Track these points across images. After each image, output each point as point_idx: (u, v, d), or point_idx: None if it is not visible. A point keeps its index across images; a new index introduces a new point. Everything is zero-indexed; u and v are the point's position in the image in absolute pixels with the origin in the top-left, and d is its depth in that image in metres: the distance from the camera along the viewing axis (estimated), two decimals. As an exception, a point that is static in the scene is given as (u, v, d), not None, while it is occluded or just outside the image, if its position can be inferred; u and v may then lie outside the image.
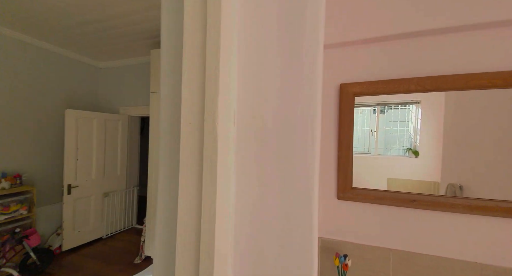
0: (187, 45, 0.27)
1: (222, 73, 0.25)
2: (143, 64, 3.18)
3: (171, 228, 0.30)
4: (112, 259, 2.49)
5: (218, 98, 0.25)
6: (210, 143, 0.25)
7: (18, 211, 2.30)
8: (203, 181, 0.26)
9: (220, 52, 0.25)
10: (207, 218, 0.25)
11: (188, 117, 0.27)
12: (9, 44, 2.41)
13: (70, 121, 2.67)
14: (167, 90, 0.32)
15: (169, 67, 0.32)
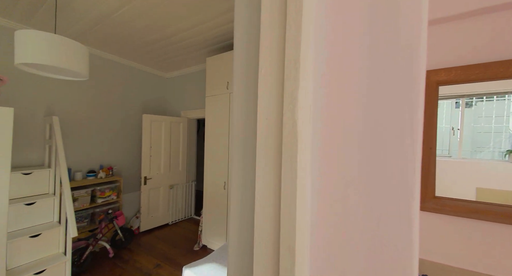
0: (265, 40, 0.26)
1: (303, 66, 0.24)
2: (199, 72, 3.53)
3: (244, 223, 0.31)
4: (176, 243, 2.84)
5: (298, 92, 0.24)
6: (290, 138, 0.24)
7: (110, 196, 2.89)
8: (282, 176, 0.25)
9: (301, 44, 0.23)
10: (287, 216, 0.24)
11: (265, 112, 0.27)
12: (102, 63, 3.07)
13: (146, 124, 3.20)
14: (240, 89, 0.33)
15: (242, 66, 0.33)
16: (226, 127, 2.47)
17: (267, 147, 0.26)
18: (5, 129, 1.62)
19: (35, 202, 2.11)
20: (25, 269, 1.83)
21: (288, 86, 0.24)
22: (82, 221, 2.64)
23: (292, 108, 0.23)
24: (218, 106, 2.55)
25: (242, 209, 0.32)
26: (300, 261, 0.22)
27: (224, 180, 2.46)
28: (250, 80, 0.30)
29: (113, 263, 2.39)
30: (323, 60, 0.25)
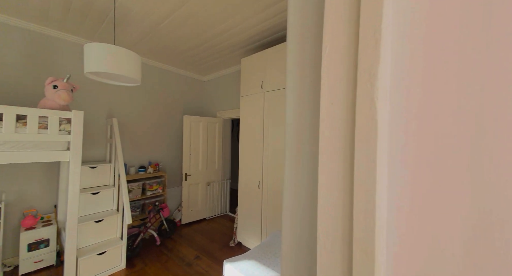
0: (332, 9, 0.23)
1: (385, 34, 0.20)
2: (233, 73, 3.64)
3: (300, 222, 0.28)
4: (213, 237, 2.98)
5: (378, 68, 0.20)
6: (366, 124, 0.21)
7: (157, 189, 3.19)
8: (355, 171, 0.21)
9: (383, 8, 0.19)
10: (363, 215, 0.21)
11: (329, 96, 0.24)
12: (149, 70, 3.41)
13: (186, 124, 3.44)
14: (294, 82, 0.31)
15: (295, 59, 0.31)
16: (260, 126, 2.48)
17: (332, 137, 0.23)
18: (78, 128, 1.92)
19: (99, 192, 2.46)
20: (91, 250, 2.14)
21: (364, 61, 0.20)
22: (135, 211, 2.98)
23: (369, 89, 0.20)
24: (252, 105, 2.58)
25: (299, 207, 0.30)
26: (379, 267, 0.19)
27: (258, 179, 2.47)
28: (308, 62, 0.27)
29: (159, 250, 2.64)
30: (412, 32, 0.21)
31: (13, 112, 1.62)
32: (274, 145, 2.32)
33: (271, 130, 2.35)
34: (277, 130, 2.30)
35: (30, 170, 2.34)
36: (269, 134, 2.38)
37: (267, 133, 2.39)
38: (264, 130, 2.42)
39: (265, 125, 2.41)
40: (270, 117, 2.36)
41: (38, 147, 1.75)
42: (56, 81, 1.87)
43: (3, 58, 2.20)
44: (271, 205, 2.35)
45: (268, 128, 2.38)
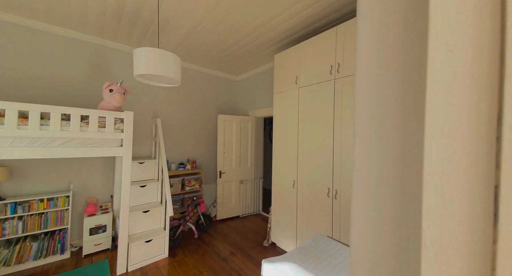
0: None
1: None
2: (265, 72, 3.62)
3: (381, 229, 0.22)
4: (247, 235, 3.00)
5: None
6: None
7: (194, 185, 3.37)
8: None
9: None
10: None
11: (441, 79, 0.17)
12: (187, 73, 3.61)
13: (220, 123, 3.55)
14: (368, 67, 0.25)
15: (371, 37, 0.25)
16: (294, 123, 2.39)
17: (451, 126, 0.17)
18: (129, 127, 2.13)
19: (146, 185, 2.70)
20: (139, 237, 2.36)
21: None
22: (175, 204, 3.20)
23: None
24: (286, 102, 2.51)
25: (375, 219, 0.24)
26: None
27: (293, 179, 2.39)
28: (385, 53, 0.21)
29: (197, 243, 2.77)
30: None
31: (78, 113, 1.88)
32: (311, 143, 2.21)
33: (307, 127, 2.24)
34: (313, 127, 2.18)
35: (92, 164, 2.70)
36: (304, 132, 2.27)
37: (303, 131, 2.29)
38: (299, 127, 2.32)
39: (300, 122, 2.31)
40: (306, 114, 2.25)
41: (97, 143, 2.00)
42: (112, 85, 2.12)
43: (71, 67, 2.58)
44: (307, 206, 2.24)
45: (304, 125, 2.28)
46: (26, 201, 2.24)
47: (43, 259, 2.25)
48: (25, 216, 2.20)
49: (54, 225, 2.34)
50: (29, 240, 2.22)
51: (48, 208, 2.31)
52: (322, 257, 1.01)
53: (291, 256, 1.01)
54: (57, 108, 1.78)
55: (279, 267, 0.91)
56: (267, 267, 0.93)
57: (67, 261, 2.32)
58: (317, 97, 2.14)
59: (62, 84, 2.52)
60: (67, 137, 1.83)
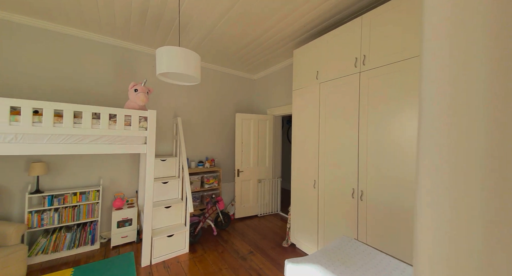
0: None
1: None
2: (283, 69, 3.55)
3: None
4: (265, 235, 2.96)
5: None
6: None
7: (213, 183, 3.41)
8: None
9: None
10: None
11: None
12: (206, 73, 3.67)
13: (238, 122, 3.56)
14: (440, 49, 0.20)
15: None
16: (315, 121, 2.30)
17: None
18: (152, 125, 2.21)
19: (168, 181, 2.79)
20: (162, 231, 2.43)
21: None
22: (195, 201, 3.26)
23: None
24: (306, 98, 2.43)
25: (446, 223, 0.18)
26: None
27: (314, 178, 2.30)
28: None
29: (216, 240, 2.79)
30: None
31: (107, 112, 1.98)
32: (333, 141, 2.10)
33: (329, 124, 2.14)
34: (336, 124, 2.08)
35: (119, 161, 2.85)
36: (326, 129, 2.18)
37: (324, 128, 2.19)
38: (320, 124, 2.23)
39: (322, 119, 2.22)
40: (328, 110, 2.15)
41: (124, 140, 2.09)
42: (136, 85, 2.21)
43: (100, 70, 2.75)
44: (329, 207, 2.14)
45: (325, 122, 2.18)
46: (61, 194, 2.43)
47: (76, 249, 2.42)
48: (61, 208, 2.38)
49: (86, 217, 2.51)
50: (64, 231, 2.39)
51: (81, 201, 2.48)
52: (351, 260, 0.94)
53: (316, 257, 0.95)
54: (88, 108, 1.90)
55: (305, 268, 0.86)
56: (291, 267, 0.88)
57: (97, 252, 2.46)
58: (339, 92, 2.04)
59: (91, 86, 2.69)
60: (97, 134, 1.94)
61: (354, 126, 1.91)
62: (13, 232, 1.91)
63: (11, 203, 2.26)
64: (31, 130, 1.66)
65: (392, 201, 1.64)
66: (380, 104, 1.71)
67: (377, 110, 1.73)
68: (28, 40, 2.35)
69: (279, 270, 2.16)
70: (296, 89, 2.58)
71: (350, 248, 1.05)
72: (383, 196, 1.69)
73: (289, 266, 0.89)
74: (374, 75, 1.75)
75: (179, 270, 2.16)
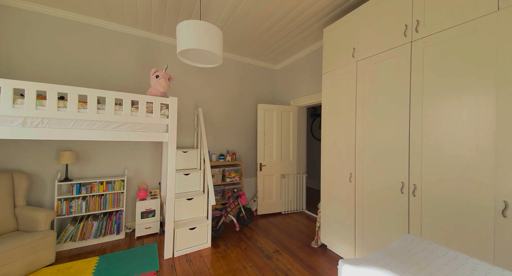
0: None
1: None
2: (308, 55, 3.29)
3: None
4: (291, 233, 2.74)
5: None
6: None
7: (234, 177, 3.27)
8: None
9: None
10: None
11: None
12: (227, 64, 3.54)
13: (260, 113, 3.37)
14: None
15: None
16: (351, 105, 2.03)
17: None
18: (173, 112, 2.12)
19: (189, 173, 2.70)
20: (184, 224, 2.34)
21: None
22: (216, 195, 3.15)
23: None
24: (339, 80, 2.15)
25: None
26: None
27: (349, 171, 2.03)
28: None
29: (238, 236, 2.64)
30: None
31: (129, 98, 1.92)
32: (375, 127, 1.82)
33: (369, 107, 1.86)
34: (378, 107, 1.79)
35: (143, 152, 2.84)
36: (365, 114, 1.89)
37: (362, 113, 1.91)
38: (358, 108, 1.95)
39: (359, 102, 1.94)
40: (367, 91, 1.87)
41: (146, 128, 2.03)
42: (158, 72, 2.13)
43: (123, 60, 2.75)
44: (369, 203, 1.86)
45: (364, 105, 1.90)
46: (89, 183, 2.46)
47: (102, 238, 2.44)
48: (88, 196, 2.41)
49: (112, 207, 2.52)
50: (91, 219, 2.42)
51: (107, 190, 2.49)
52: (428, 265, 0.70)
53: (379, 259, 0.72)
54: (111, 93, 1.86)
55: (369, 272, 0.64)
56: (349, 269, 0.67)
57: (122, 241, 2.46)
58: (383, 69, 1.74)
59: (115, 76, 2.70)
60: (119, 121, 1.89)
61: (403, 109, 1.60)
62: (43, 218, 1.94)
63: (43, 190, 2.33)
64: (56, 115, 1.65)
65: (455, 197, 1.32)
66: (439, 81, 1.40)
67: (435, 88, 1.42)
68: (58, 31, 2.41)
69: (310, 273, 1.93)
70: (326, 72, 2.32)
71: (420, 249, 0.80)
72: (444, 191, 1.38)
73: (347, 268, 0.68)
74: (432, 43, 1.43)
75: (202, 265, 2.05)
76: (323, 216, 2.35)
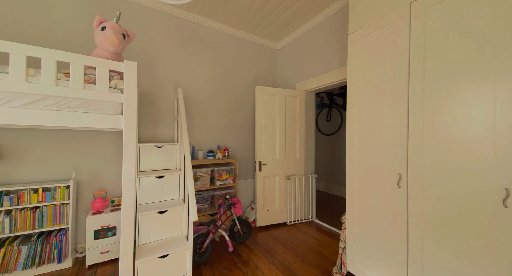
0: None
1: None
2: (315, 28, 2.63)
3: None
4: (302, 254, 2.05)
5: None
6: None
7: (227, 180, 2.57)
8: None
9: None
10: None
11: None
12: (219, 36, 2.83)
13: (259, 97, 2.68)
14: None
15: None
16: (402, 75, 1.35)
17: None
18: (131, 85, 1.40)
19: (164, 175, 1.99)
20: (152, 249, 1.63)
21: None
22: (204, 203, 2.44)
23: None
24: (378, 42, 1.48)
25: None
26: None
27: (398, 171, 1.35)
28: None
29: (232, 260, 1.94)
30: None
31: (52, 57, 1.20)
32: (444, 105, 1.14)
33: (435, 76, 1.18)
34: (452, 78, 1.12)
35: (101, 146, 2.11)
36: (424, 88, 1.22)
37: (420, 87, 1.24)
38: (412, 79, 1.27)
39: (415, 72, 1.26)
40: (433, 51, 1.19)
41: (85, 107, 1.30)
42: (105, 22, 1.41)
43: (71, 16, 2.01)
44: (436, 219, 1.19)
45: (422, 76, 1.22)
46: (16, 191, 1.72)
47: (35, 269, 1.71)
48: (14, 210, 1.67)
49: (52, 224, 1.79)
50: (18, 243, 1.68)
51: (44, 201, 1.76)
52: None
53: None
54: (19, 47, 1.13)
55: None
56: None
57: (67, 273, 1.73)
58: (462, 13, 1.07)
59: (59, 36, 1.96)
60: (36, 93, 1.17)
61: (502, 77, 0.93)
62: None
63: None
64: None
65: None
66: None
67: None
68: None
69: None
70: (356, 30, 1.63)
71: None
72: None
73: None
74: None
75: (173, 317, 1.34)
76: (351, 233, 1.67)
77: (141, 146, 2.04)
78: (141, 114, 2.31)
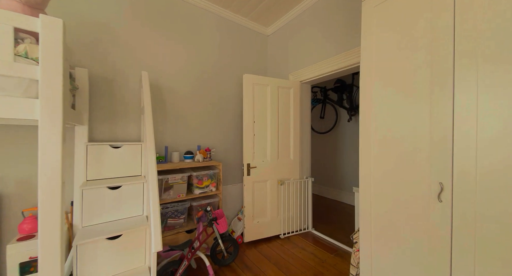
0: None
1: None
2: (312, 7, 2.25)
3: None
4: (301, 280, 1.66)
5: None
6: None
7: (208, 187, 2.12)
8: None
9: None
10: None
11: None
12: (202, 16, 2.37)
13: (248, 88, 2.25)
14: None
15: None
16: (444, 54, 1.00)
17: None
18: (54, 54, 0.91)
19: (121, 185, 1.50)
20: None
21: None
22: (179, 217, 1.97)
23: None
24: (405, 13, 1.12)
25: None
26: None
27: (439, 180, 0.99)
28: None
29: (212, 296, 1.50)
30: None
31: None
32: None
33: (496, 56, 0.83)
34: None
35: (35, 146, 1.56)
36: (478, 70, 0.87)
37: (474, 69, 0.88)
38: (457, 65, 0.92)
39: (462, 51, 0.90)
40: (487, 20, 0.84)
41: (-35, 83, 0.80)
42: (10, -46, 0.91)
43: None
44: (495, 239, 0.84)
45: (474, 54, 0.87)
46: None
47: None
48: None
49: (-51, 259, 1.23)
50: None
51: None
52: None
53: None
54: None
55: None
56: None
57: None
58: None
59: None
60: None
61: None
62: None
63: None
64: None
65: None
66: None
67: None
68: None
69: None
70: (371, 5, 1.26)
71: None
72: None
73: None
74: None
75: None
76: (365, 255, 1.30)
77: (90, 146, 1.53)
78: (94, 106, 1.79)
